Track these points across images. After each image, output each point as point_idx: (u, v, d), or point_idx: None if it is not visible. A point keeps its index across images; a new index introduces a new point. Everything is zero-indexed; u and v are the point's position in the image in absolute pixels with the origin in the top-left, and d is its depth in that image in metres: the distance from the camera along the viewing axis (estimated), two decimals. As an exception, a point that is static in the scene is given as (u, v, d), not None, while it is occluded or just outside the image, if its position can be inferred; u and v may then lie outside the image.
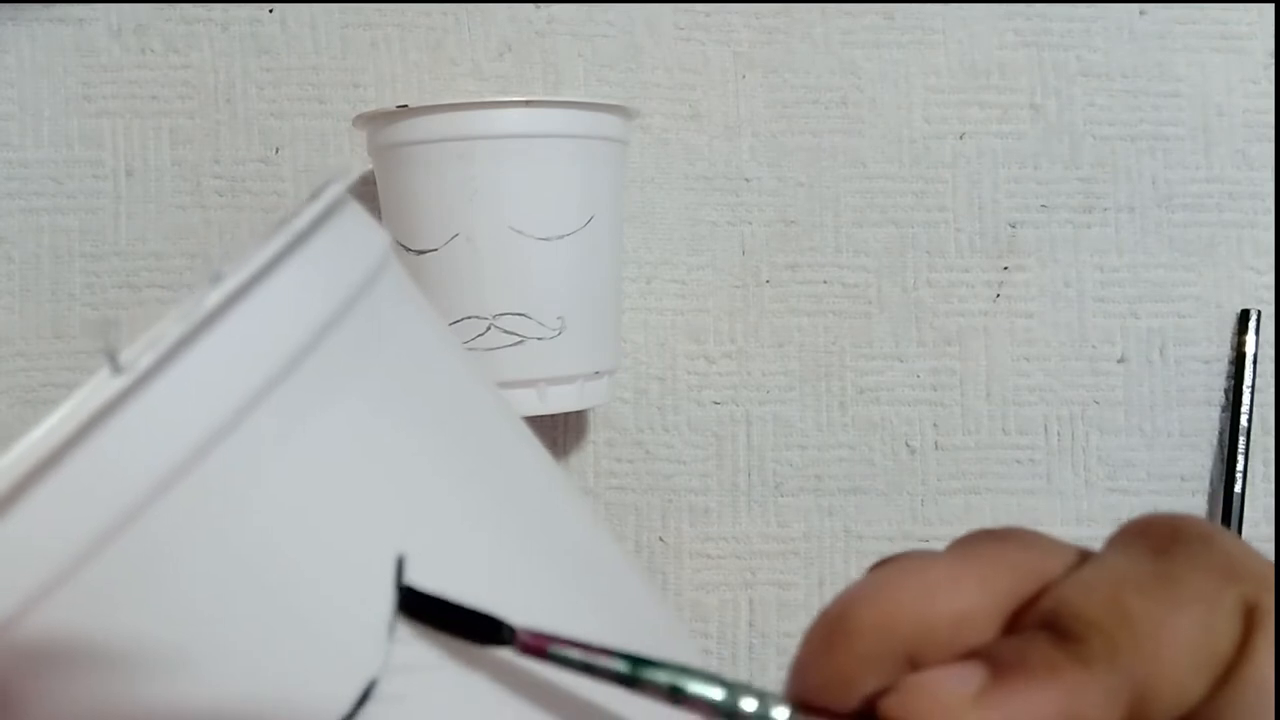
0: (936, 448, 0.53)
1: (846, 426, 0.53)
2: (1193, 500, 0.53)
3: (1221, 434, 0.53)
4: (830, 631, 0.20)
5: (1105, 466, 0.53)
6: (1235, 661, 0.18)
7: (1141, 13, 0.54)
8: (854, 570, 0.53)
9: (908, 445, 0.53)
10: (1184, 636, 0.18)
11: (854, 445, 0.53)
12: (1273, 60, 0.54)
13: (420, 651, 0.19)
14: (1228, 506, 0.52)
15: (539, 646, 0.19)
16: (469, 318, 0.43)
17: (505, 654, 0.19)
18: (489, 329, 0.43)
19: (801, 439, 0.53)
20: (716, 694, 0.19)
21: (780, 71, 0.53)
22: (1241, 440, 0.52)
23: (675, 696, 0.19)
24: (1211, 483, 0.53)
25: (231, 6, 0.52)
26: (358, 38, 0.52)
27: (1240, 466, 0.52)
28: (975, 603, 0.19)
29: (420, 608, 0.19)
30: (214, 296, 0.18)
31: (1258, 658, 0.17)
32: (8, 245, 0.51)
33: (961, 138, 0.54)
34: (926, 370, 0.53)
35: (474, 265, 0.43)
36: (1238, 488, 0.52)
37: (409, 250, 0.44)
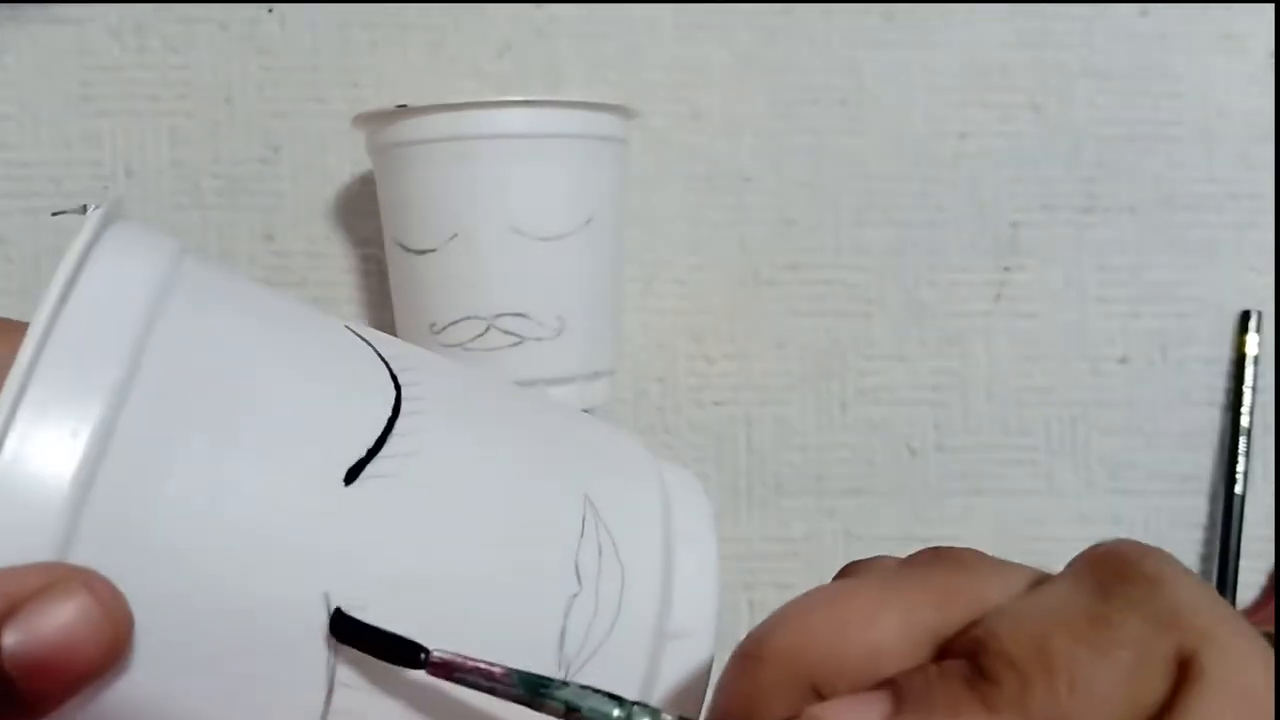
0: (938, 449, 0.53)
1: (847, 427, 0.53)
2: (1193, 501, 0.53)
3: (1222, 434, 0.53)
4: (743, 657, 0.20)
5: (1106, 467, 0.53)
6: (1160, 716, 0.17)
7: (1142, 13, 0.54)
8: (854, 571, 0.52)
9: (909, 446, 0.53)
10: (1105, 684, 0.17)
11: (855, 446, 0.53)
12: (1273, 60, 0.54)
13: (360, 670, 0.20)
14: (1228, 507, 0.52)
15: (446, 670, 0.20)
16: (468, 318, 0.43)
17: (422, 675, 0.20)
18: (488, 329, 0.43)
19: (802, 440, 0.53)
20: (613, 712, 0.19)
21: (780, 71, 0.53)
22: (1242, 441, 0.52)
23: (572, 715, 0.19)
24: (1212, 483, 0.53)
25: (231, 6, 0.52)
26: (358, 38, 0.52)
27: (1241, 467, 0.52)
28: (892, 634, 0.19)
29: (348, 631, 0.20)
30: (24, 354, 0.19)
31: (1187, 713, 0.16)
32: (8, 245, 0.51)
33: (962, 138, 0.53)
34: (927, 371, 0.53)
35: (473, 265, 0.43)
36: (1238, 488, 0.52)
37: (408, 250, 0.44)
